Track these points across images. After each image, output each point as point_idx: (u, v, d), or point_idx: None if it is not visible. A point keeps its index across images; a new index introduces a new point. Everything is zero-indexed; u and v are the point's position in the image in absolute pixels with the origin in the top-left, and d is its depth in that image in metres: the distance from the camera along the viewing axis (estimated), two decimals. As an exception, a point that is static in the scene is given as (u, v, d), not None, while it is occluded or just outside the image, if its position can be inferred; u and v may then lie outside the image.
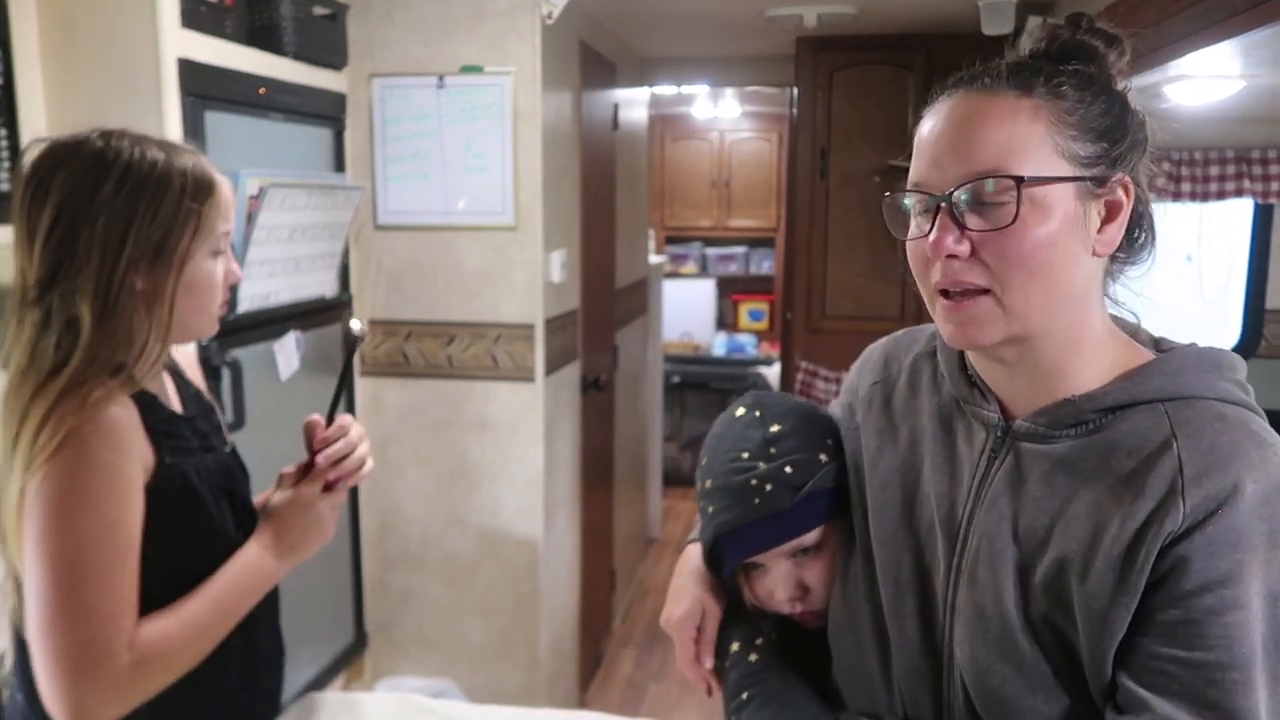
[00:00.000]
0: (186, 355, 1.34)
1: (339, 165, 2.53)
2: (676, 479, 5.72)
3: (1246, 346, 3.19)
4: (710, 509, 0.99)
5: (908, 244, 0.84)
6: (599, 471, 3.42)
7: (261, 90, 2.13)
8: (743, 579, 1.02)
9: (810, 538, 0.97)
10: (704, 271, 6.34)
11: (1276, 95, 2.46)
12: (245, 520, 1.25)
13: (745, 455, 0.97)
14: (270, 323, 2.20)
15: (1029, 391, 0.85)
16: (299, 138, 2.35)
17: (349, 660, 2.67)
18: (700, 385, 5.90)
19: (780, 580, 0.98)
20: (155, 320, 1.11)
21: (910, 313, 3.52)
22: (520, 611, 2.75)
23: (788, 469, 0.95)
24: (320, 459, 1.25)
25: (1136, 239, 0.86)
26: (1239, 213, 3.25)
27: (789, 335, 3.89)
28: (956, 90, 0.82)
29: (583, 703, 3.22)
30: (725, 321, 6.41)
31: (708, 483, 1.00)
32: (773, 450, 0.96)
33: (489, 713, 2.06)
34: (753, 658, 0.98)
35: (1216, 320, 3.46)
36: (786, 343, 4.05)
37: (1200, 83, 2.22)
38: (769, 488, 0.95)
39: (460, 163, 2.60)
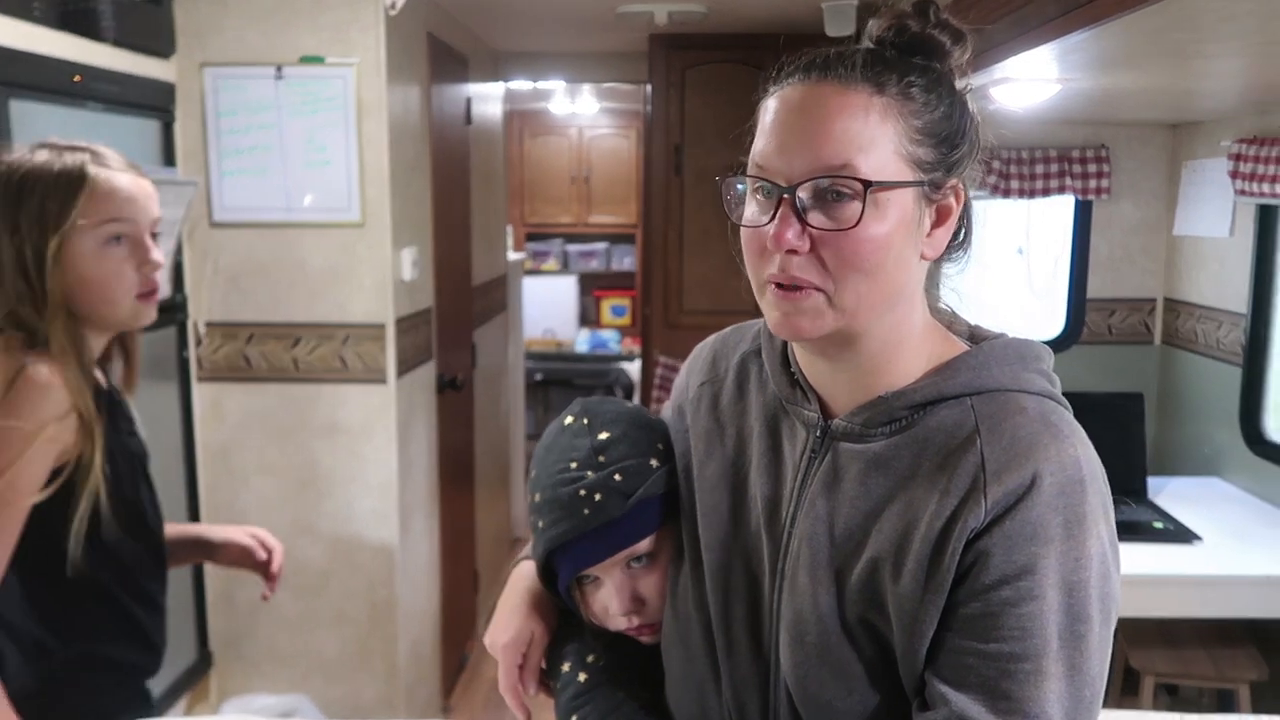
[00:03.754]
0: None
1: (169, 159, 2.40)
2: (541, 477, 5.67)
3: (1070, 334, 3.39)
4: (541, 523, 0.94)
5: (743, 229, 0.80)
6: (459, 472, 3.36)
7: (76, 78, 1.99)
8: (579, 595, 0.97)
9: (644, 545, 0.93)
10: (565, 268, 6.33)
11: (1090, 98, 2.63)
12: None
13: (574, 465, 0.93)
14: (93, 327, 2.06)
15: (849, 389, 0.83)
16: (122, 129, 2.21)
17: (192, 682, 2.53)
18: (564, 382, 5.88)
19: (615, 592, 0.94)
20: None
21: (764, 306, 3.60)
22: (377, 620, 2.68)
23: (617, 476, 0.92)
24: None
25: (957, 241, 0.85)
26: (1063, 209, 3.46)
27: (648, 331, 3.91)
28: (809, 76, 0.78)
29: (446, 709, 3.16)
30: (588, 318, 6.42)
31: (537, 496, 0.95)
32: (601, 458, 0.93)
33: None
34: (583, 677, 0.95)
35: (1045, 309, 3.68)
36: (646, 338, 4.08)
37: (1023, 85, 2.34)
38: (598, 497, 0.91)
39: (302, 157, 2.49)
